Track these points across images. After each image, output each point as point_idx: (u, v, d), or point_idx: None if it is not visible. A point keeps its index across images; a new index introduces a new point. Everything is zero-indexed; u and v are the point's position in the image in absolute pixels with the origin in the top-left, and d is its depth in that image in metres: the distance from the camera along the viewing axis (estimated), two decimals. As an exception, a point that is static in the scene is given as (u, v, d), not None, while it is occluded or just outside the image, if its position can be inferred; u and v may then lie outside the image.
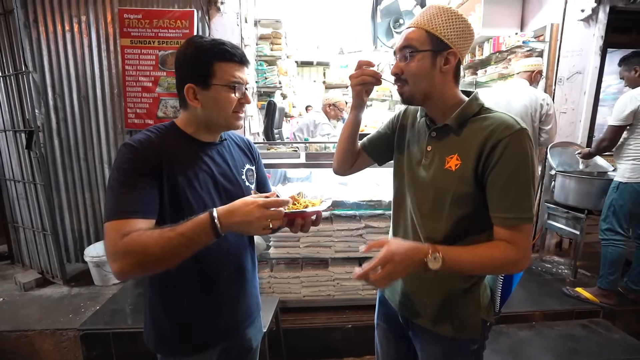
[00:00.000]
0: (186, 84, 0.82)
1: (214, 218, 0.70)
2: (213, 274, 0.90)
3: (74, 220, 2.86)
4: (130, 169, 0.77)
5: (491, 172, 0.76)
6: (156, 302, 0.90)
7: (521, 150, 0.74)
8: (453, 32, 0.78)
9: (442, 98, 0.84)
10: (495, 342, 1.99)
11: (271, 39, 3.70)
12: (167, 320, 0.90)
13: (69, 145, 2.75)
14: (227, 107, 0.85)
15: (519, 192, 0.75)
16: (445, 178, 0.82)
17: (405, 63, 0.81)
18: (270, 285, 2.14)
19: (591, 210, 2.47)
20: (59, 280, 2.58)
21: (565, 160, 2.74)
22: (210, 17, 2.67)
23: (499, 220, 0.78)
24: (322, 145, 2.24)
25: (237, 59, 0.84)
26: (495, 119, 0.79)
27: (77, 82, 2.68)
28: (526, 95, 2.33)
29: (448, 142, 0.83)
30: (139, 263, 0.70)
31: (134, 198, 0.75)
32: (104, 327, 2.02)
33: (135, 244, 0.69)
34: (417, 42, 0.79)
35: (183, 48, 0.84)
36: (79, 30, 2.62)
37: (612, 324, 2.18)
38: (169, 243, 0.69)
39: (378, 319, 1.11)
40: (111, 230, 0.72)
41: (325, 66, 9.47)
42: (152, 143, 0.81)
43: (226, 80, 0.83)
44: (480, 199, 0.80)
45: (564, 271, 2.77)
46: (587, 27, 2.77)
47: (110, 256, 0.71)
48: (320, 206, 0.87)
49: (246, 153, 1.03)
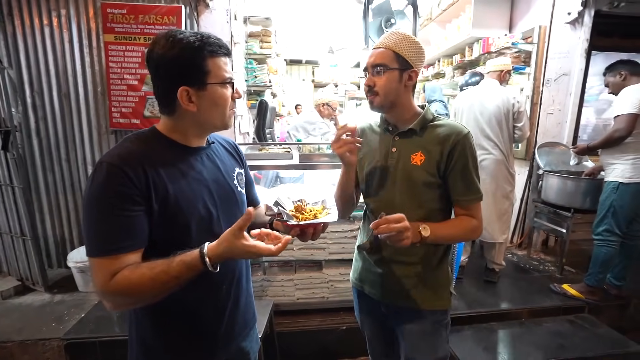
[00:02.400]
0: (178, 88, 0.73)
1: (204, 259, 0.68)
2: (211, 289, 0.85)
3: (56, 224, 2.74)
4: (113, 194, 0.68)
5: (453, 167, 0.99)
6: (145, 323, 0.83)
7: (471, 149, 0.99)
8: (414, 55, 0.99)
9: (405, 107, 1.04)
10: (486, 340, 2.02)
11: (261, 36, 3.63)
12: (159, 341, 0.83)
13: (50, 145, 2.62)
14: (224, 106, 0.79)
15: (473, 179, 1.00)
16: (413, 171, 1.01)
17: (378, 77, 0.99)
18: (263, 289, 2.11)
19: (577, 208, 2.54)
20: (40, 287, 2.46)
21: (552, 160, 2.80)
22: (198, 14, 2.59)
23: (462, 202, 1.02)
24: (315, 147, 2.21)
25: (225, 50, 0.77)
26: (449, 125, 1.02)
27: (58, 79, 2.56)
28: (498, 96, 2.39)
29: (411, 142, 1.03)
30: (133, 302, 0.73)
31: (119, 231, 0.68)
32: (89, 336, 1.94)
33: (126, 286, 0.67)
34: (388, 61, 0.98)
35: (164, 47, 0.72)
36: (58, 25, 2.49)
37: (597, 319, 2.25)
38: (162, 286, 0.68)
39: (360, 314, 1.24)
40: (98, 268, 0.68)
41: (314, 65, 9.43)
42: (134, 156, 0.72)
43: (221, 77, 0.76)
44: (442, 187, 1.02)
45: (551, 268, 2.84)
46: (573, 30, 2.83)
47: (100, 294, 0.70)
48: (330, 216, 0.86)
49: (234, 156, 0.97)
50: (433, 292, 1.07)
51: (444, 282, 1.09)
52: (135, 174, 0.69)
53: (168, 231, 0.74)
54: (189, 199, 0.77)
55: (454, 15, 3.84)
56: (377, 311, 1.15)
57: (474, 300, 2.33)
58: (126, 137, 0.78)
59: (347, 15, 4.73)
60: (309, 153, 2.09)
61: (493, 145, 2.41)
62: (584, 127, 3.29)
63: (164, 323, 0.83)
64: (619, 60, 2.30)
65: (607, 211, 2.24)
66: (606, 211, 2.25)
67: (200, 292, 0.82)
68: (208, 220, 0.80)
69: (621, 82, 2.23)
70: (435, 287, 1.08)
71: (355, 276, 1.20)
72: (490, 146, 2.41)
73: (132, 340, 0.86)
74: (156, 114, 2.55)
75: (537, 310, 2.28)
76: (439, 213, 1.05)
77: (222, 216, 0.84)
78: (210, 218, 0.81)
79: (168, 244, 0.73)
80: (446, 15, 4.05)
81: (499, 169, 2.43)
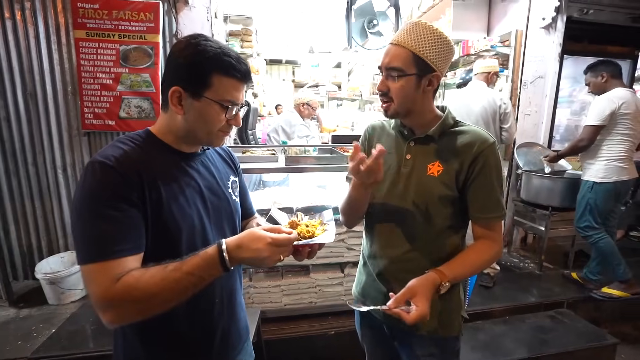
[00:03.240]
0: (173, 85, 0.71)
1: (222, 251, 0.63)
2: (205, 304, 0.81)
3: (22, 232, 2.54)
4: (109, 195, 0.64)
5: (475, 180, 0.87)
6: (134, 341, 0.77)
7: (496, 160, 0.88)
8: (438, 56, 0.83)
9: (422, 113, 0.92)
10: (474, 339, 2.05)
11: (242, 35, 3.56)
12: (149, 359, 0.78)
13: (14, 148, 2.43)
14: (212, 125, 0.74)
15: (497, 195, 0.89)
16: (428, 183, 0.90)
17: (392, 82, 0.86)
18: (249, 296, 2.04)
19: (555, 207, 2.63)
20: (3, 301, 2.28)
21: (531, 160, 2.89)
22: (177, 11, 2.48)
23: (482, 219, 0.91)
24: (301, 149, 2.17)
25: (240, 75, 0.73)
26: (472, 132, 0.90)
27: (22, 78, 2.37)
28: (484, 97, 2.41)
29: (428, 150, 0.91)
30: (141, 311, 0.63)
31: (118, 233, 0.64)
32: (61, 353, 1.81)
33: (135, 290, 0.61)
34: (404, 65, 0.83)
35: (182, 46, 0.71)
36: (22, 19, 2.31)
37: (574, 313, 2.34)
38: (176, 285, 0.62)
39: (361, 328, 1.14)
40: (98, 274, 0.62)
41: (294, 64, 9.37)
42: (129, 158, 0.69)
43: (221, 96, 0.72)
44: (460, 201, 0.91)
45: (530, 265, 2.94)
46: (547, 34, 2.94)
47: (101, 305, 0.61)
48: (327, 235, 0.82)
49: (229, 164, 0.95)
50: (443, 318, 0.96)
51: (454, 306, 0.98)
52: (130, 177, 0.67)
53: (158, 240, 0.71)
54: (183, 206, 0.74)
55: (434, 17, 3.91)
56: (380, 331, 1.07)
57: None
58: (118, 138, 0.74)
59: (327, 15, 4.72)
60: (295, 156, 2.04)
61: None
62: (557, 127, 3.43)
63: (154, 340, 0.78)
64: (601, 61, 2.41)
65: (585, 209, 2.38)
66: (584, 209, 2.39)
67: (193, 307, 0.77)
68: (200, 229, 0.78)
69: (602, 84, 2.35)
70: (445, 312, 0.96)
71: (358, 290, 1.11)
72: None
73: (119, 358, 0.80)
74: (132, 115, 2.42)
75: (520, 307, 2.34)
76: (451, 232, 0.94)
77: (214, 225, 0.82)
78: (202, 227, 0.78)
79: (158, 251, 0.69)
80: (426, 17, 4.11)
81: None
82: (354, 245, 2.08)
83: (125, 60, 2.36)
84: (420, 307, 0.76)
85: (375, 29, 3.29)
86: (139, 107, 2.42)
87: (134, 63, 2.37)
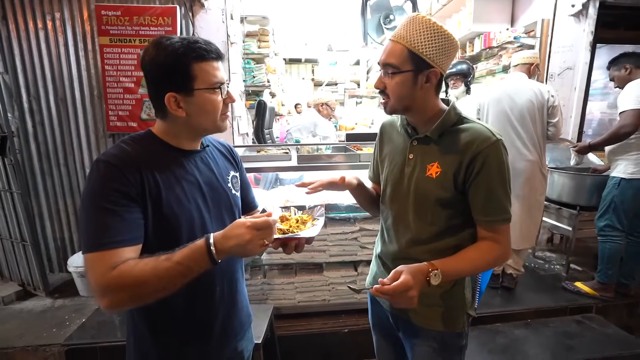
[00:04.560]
0: (166, 93, 0.74)
1: (210, 245, 0.65)
2: (206, 291, 0.85)
3: (56, 228, 2.73)
4: (110, 191, 0.69)
5: (474, 181, 0.83)
6: (141, 327, 0.83)
7: (498, 160, 0.82)
8: (435, 51, 0.80)
9: (423, 110, 0.89)
10: (492, 342, 1.98)
11: (258, 36, 3.60)
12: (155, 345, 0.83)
13: (47, 150, 2.61)
14: (214, 111, 0.79)
15: (499, 197, 0.84)
16: (426, 184, 0.88)
17: (388, 79, 0.84)
18: (263, 292, 2.08)
19: (583, 206, 2.48)
20: (41, 292, 2.45)
21: (557, 157, 2.75)
22: (194, 14, 2.55)
23: (484, 222, 0.87)
24: (314, 147, 2.18)
25: (214, 55, 0.77)
26: (473, 130, 0.85)
27: (54, 84, 2.54)
28: (529, 89, 2.19)
29: (429, 150, 0.90)
30: (133, 297, 0.66)
31: (117, 225, 0.68)
32: (90, 342, 1.93)
33: (128, 277, 0.64)
34: (399, 61, 0.81)
35: (152, 53, 0.74)
36: (52, 28, 2.47)
37: (604, 318, 2.20)
38: (165, 274, 0.65)
39: (372, 317, 1.16)
40: (96, 262, 0.66)
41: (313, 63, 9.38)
42: (131, 157, 0.74)
43: (208, 82, 0.76)
44: (461, 202, 0.87)
45: (556, 267, 2.79)
46: (577, 22, 2.77)
47: (98, 291, 0.65)
48: (313, 230, 0.84)
49: (229, 159, 0.98)
50: (447, 313, 0.95)
51: (458, 303, 0.96)
52: (131, 174, 0.71)
53: (159, 233, 0.75)
54: (182, 202, 0.78)
55: (454, 10, 3.78)
56: (386, 321, 1.08)
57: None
58: (122, 138, 0.79)
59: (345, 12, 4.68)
60: (307, 154, 2.05)
61: (526, 145, 2.17)
62: (589, 121, 3.23)
63: (159, 327, 0.83)
64: (623, 54, 2.25)
65: (609, 206, 2.23)
66: (607, 206, 2.23)
67: (195, 295, 0.82)
68: (200, 222, 0.81)
69: (627, 76, 2.19)
70: (449, 307, 0.95)
71: (370, 280, 1.13)
72: (523, 146, 2.17)
73: (130, 344, 0.86)
74: (153, 116, 2.51)
75: (544, 311, 2.23)
76: (453, 232, 0.91)
77: (215, 219, 0.85)
78: (202, 221, 0.82)
79: (160, 244, 0.72)
80: (446, 10, 3.98)
81: (533, 171, 2.19)
82: (367, 243, 2.07)
83: (146, 64, 2.45)
84: (403, 278, 0.74)
85: (392, 24, 3.23)
86: (159, 108, 2.52)
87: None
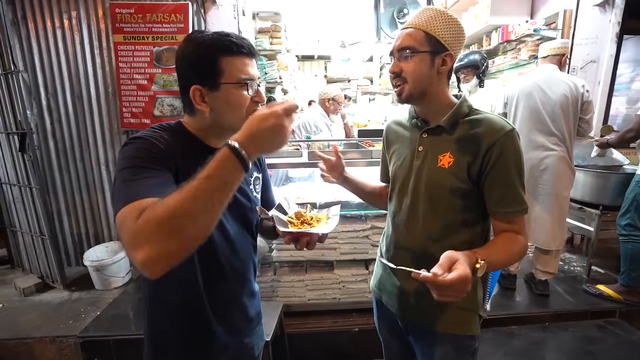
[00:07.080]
0: (191, 86, 0.73)
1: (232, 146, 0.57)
2: (218, 285, 0.85)
3: (73, 223, 2.80)
4: (144, 156, 0.67)
5: (490, 171, 0.82)
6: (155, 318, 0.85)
7: (515, 150, 0.82)
8: (450, 35, 0.83)
9: (437, 97, 0.89)
10: (507, 345, 1.92)
11: (270, 32, 3.58)
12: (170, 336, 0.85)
13: (65, 146, 2.68)
14: (240, 107, 0.76)
15: (517, 188, 0.83)
16: (439, 175, 0.87)
17: (405, 62, 0.85)
18: (273, 290, 2.08)
19: (606, 205, 2.37)
20: (59, 285, 2.53)
21: (579, 154, 2.63)
22: (205, 10, 2.55)
23: (501, 214, 0.85)
24: (324, 144, 2.15)
25: (245, 50, 0.75)
26: (486, 120, 0.85)
27: (70, 81, 2.59)
28: (563, 82, 2.07)
29: (440, 141, 0.89)
30: (172, 232, 0.52)
31: (150, 182, 0.63)
32: (104, 334, 1.97)
33: (160, 208, 0.53)
34: (417, 43, 0.83)
35: (183, 46, 0.74)
36: (69, 27, 2.52)
37: (629, 324, 2.10)
38: (196, 193, 0.54)
39: (378, 320, 1.14)
40: (125, 214, 0.57)
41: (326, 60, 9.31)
42: (162, 138, 0.73)
43: (236, 77, 0.73)
44: (475, 194, 0.86)
45: (577, 268, 2.68)
46: (602, 12, 2.63)
47: (130, 243, 0.54)
48: (326, 227, 0.82)
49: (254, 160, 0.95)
50: (458, 315, 0.92)
51: (470, 304, 0.93)
52: (163, 147, 0.71)
53: None
54: None
55: (471, 3, 3.67)
56: (395, 324, 1.06)
57: (493, 302, 2.22)
58: (154, 125, 0.78)
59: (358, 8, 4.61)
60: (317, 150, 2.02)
61: (556, 140, 2.09)
62: (613, 117, 3.08)
63: (173, 318, 0.83)
64: None
65: (630, 205, 2.12)
66: (629, 205, 2.12)
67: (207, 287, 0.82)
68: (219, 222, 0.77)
69: None
70: (462, 309, 0.92)
71: (375, 283, 1.12)
72: (553, 142, 2.09)
73: (146, 336, 0.88)
74: (165, 113, 2.55)
75: (563, 314, 2.14)
76: (466, 226, 0.89)
77: (234, 219, 0.85)
78: (220, 221, 0.80)
79: None
80: (462, 3, 3.88)
81: (562, 167, 2.10)
82: (378, 241, 2.03)
83: (159, 61, 2.48)
84: (461, 268, 0.66)
85: (406, 18, 3.16)
86: (172, 105, 2.54)
87: (166, 63, 2.48)
